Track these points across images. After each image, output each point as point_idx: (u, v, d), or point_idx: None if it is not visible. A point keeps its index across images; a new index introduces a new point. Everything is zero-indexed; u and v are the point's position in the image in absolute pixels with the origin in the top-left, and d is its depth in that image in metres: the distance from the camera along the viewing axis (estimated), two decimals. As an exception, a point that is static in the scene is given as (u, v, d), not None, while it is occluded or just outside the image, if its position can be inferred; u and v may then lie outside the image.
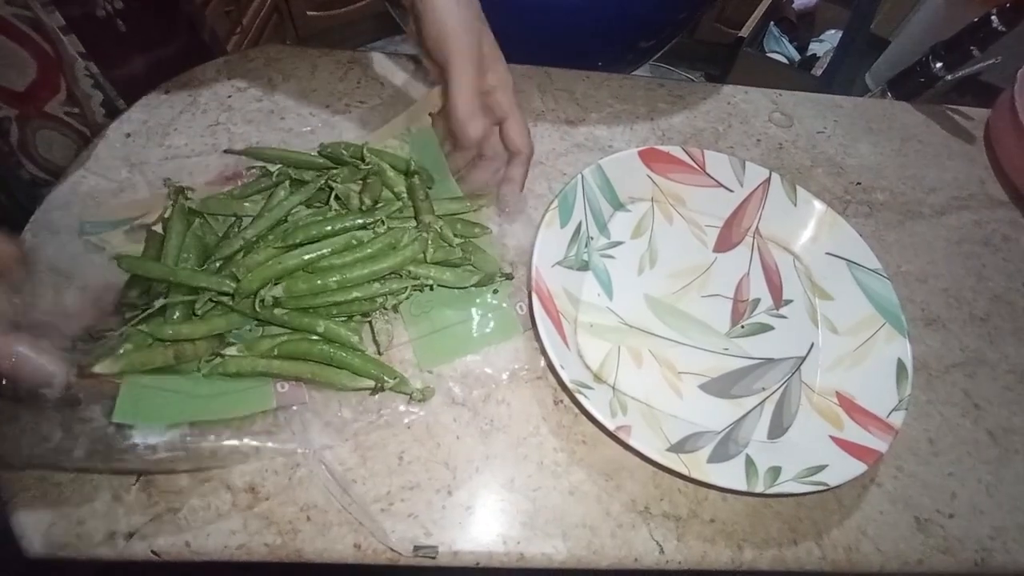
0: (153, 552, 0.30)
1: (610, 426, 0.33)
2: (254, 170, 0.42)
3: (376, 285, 0.35)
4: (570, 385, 0.33)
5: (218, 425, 0.32)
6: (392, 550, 0.31)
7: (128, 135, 0.45)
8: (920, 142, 0.56)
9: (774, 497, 0.35)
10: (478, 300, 0.39)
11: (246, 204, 0.39)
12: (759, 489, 0.32)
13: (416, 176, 0.40)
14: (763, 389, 0.39)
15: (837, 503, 0.35)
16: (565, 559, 0.32)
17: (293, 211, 0.38)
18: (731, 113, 0.54)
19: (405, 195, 0.40)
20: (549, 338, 0.35)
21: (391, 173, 0.40)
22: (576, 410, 0.36)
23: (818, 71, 1.42)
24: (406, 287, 0.36)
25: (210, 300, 0.34)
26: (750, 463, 0.33)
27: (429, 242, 0.37)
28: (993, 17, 0.56)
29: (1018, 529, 0.36)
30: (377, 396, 0.35)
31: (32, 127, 0.43)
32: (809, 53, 1.50)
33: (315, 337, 0.35)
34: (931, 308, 0.45)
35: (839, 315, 0.41)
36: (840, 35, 1.36)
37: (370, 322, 0.37)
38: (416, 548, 0.31)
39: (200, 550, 0.31)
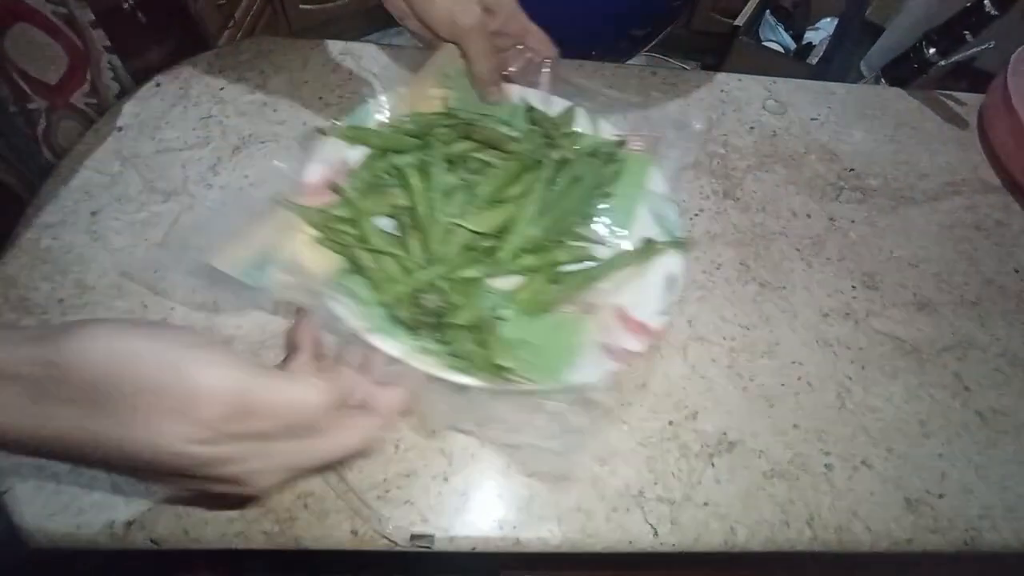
0: (152, 541, 0.31)
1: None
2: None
3: None
4: None
5: None
6: (388, 539, 0.31)
7: (120, 128, 0.45)
8: (913, 128, 0.56)
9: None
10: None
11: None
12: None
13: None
14: None
15: (829, 485, 0.36)
16: (560, 543, 0.33)
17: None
18: (724, 101, 0.54)
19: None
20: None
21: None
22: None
23: (813, 59, 1.41)
24: None
25: None
26: None
27: None
28: (986, 2, 0.56)
29: (1007, 508, 0.36)
30: None
31: (56, 117, 0.44)
32: (805, 42, 1.49)
33: None
34: (923, 292, 0.45)
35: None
36: (835, 23, 1.36)
37: None
38: (413, 537, 0.31)
39: (199, 539, 0.31)
